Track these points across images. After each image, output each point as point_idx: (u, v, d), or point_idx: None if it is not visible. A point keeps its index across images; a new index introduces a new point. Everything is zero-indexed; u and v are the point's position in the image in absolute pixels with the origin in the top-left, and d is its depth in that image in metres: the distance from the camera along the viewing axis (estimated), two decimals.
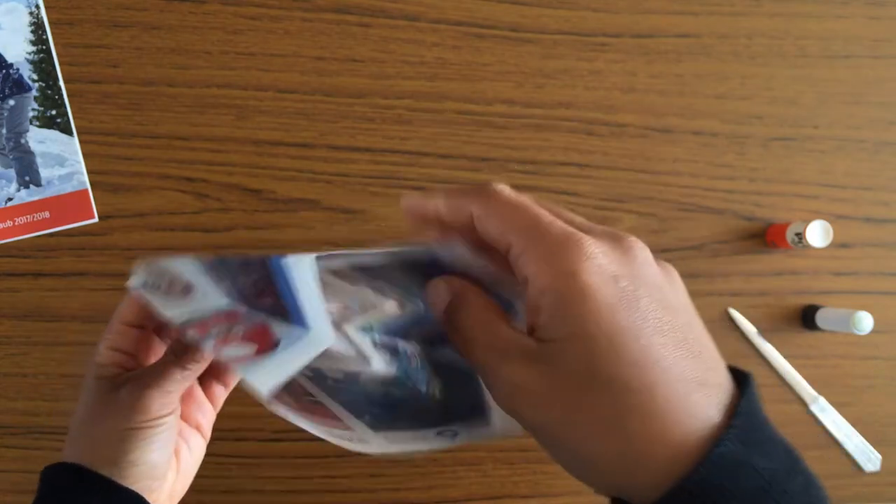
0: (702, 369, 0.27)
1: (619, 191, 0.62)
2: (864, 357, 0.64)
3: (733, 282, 0.63)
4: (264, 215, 0.59)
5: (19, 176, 0.56)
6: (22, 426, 0.57)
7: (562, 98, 0.62)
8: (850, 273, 0.64)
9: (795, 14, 0.64)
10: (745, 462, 0.25)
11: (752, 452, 0.26)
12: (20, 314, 0.57)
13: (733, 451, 0.25)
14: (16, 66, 0.56)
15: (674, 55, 0.63)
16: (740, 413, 0.27)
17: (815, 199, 0.64)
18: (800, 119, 0.64)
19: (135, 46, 0.58)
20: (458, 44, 0.61)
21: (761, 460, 0.26)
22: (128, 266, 0.58)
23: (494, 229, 0.28)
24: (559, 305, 0.25)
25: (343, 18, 0.60)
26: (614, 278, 0.26)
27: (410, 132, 0.60)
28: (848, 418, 0.64)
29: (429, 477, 0.60)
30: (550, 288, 0.26)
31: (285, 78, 0.59)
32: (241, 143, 0.59)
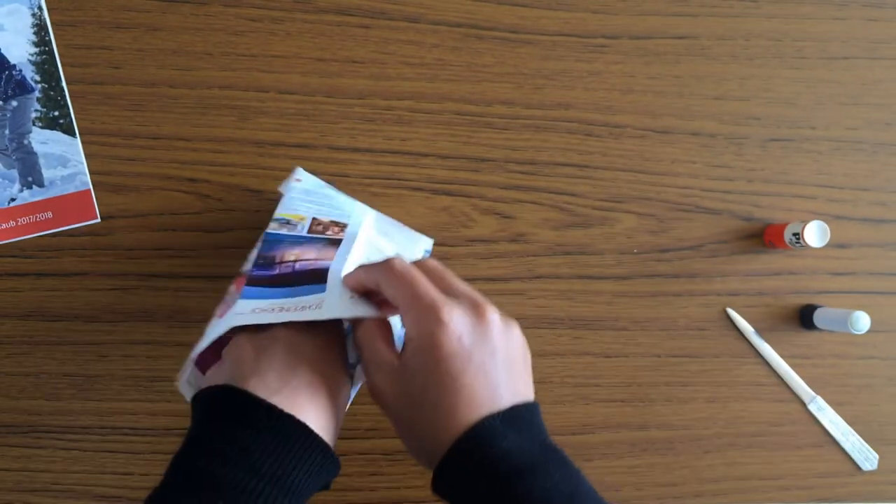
0: (495, 391, 0.40)
1: (618, 191, 0.63)
2: (862, 356, 0.65)
3: (731, 282, 0.63)
4: (266, 216, 0.59)
5: (22, 176, 0.57)
6: (24, 425, 0.57)
7: (561, 99, 0.62)
8: (848, 273, 0.65)
9: (793, 16, 0.65)
10: (501, 433, 0.39)
11: (508, 430, 0.39)
12: (22, 314, 0.57)
13: (493, 426, 0.39)
14: (18, 67, 0.57)
15: (672, 56, 0.63)
16: (513, 412, 0.40)
17: (812, 200, 0.64)
18: (798, 120, 0.64)
19: (137, 48, 0.58)
20: (457, 45, 0.61)
21: (516, 436, 0.39)
22: (129, 266, 0.59)
23: (389, 294, 0.42)
24: (418, 349, 0.40)
25: (344, 20, 0.60)
26: (458, 337, 0.40)
27: (410, 133, 0.61)
28: (845, 417, 0.64)
29: (428, 476, 0.60)
30: (415, 338, 0.40)
31: (286, 79, 0.59)
32: (243, 144, 0.59)
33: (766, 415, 0.64)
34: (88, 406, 0.58)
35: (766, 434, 0.64)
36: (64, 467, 0.57)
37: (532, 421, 0.41)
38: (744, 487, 0.64)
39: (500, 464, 0.38)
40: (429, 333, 0.40)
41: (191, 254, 0.58)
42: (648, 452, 0.63)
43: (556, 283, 0.62)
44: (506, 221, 0.61)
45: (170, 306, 0.58)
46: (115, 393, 0.58)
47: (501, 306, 0.60)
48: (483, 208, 0.61)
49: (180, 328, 0.58)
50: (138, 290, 0.58)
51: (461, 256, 0.61)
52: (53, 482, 0.57)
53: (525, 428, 0.40)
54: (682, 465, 0.63)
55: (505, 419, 0.40)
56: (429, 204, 0.61)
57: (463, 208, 0.61)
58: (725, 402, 0.63)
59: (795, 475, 0.64)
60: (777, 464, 0.64)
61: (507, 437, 0.39)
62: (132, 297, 0.58)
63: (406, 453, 0.60)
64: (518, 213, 0.62)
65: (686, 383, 0.63)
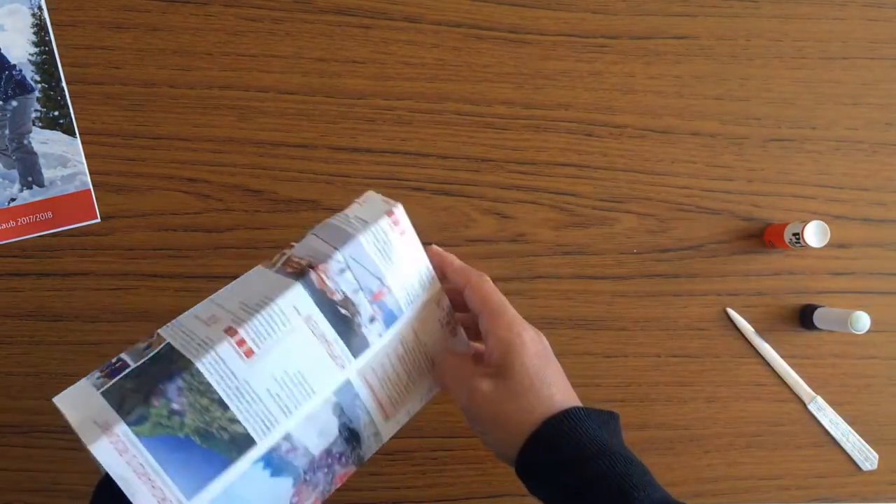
0: (562, 386, 0.46)
1: (618, 191, 0.63)
2: (862, 356, 0.65)
3: (731, 282, 0.63)
4: (266, 215, 0.59)
5: (22, 176, 0.57)
6: (24, 425, 0.57)
7: (561, 99, 0.62)
8: (848, 273, 0.65)
9: (793, 16, 0.65)
10: (582, 419, 0.44)
11: (591, 421, 0.44)
12: (23, 313, 0.57)
13: (574, 413, 0.44)
14: (18, 67, 0.57)
15: (672, 57, 0.63)
16: (579, 409, 0.45)
17: (812, 200, 0.64)
18: (798, 120, 0.64)
19: (137, 48, 0.58)
20: (457, 45, 0.61)
21: (594, 424, 0.44)
22: (129, 266, 0.59)
23: (475, 303, 0.46)
24: (510, 351, 0.44)
25: (344, 20, 0.60)
26: (538, 340, 0.46)
27: (411, 133, 0.61)
28: (845, 417, 0.64)
29: (429, 475, 0.60)
30: (506, 342, 0.45)
31: (286, 79, 0.59)
32: (243, 144, 0.59)
33: (766, 415, 0.64)
34: None
35: (766, 434, 0.64)
36: (64, 467, 0.57)
37: (614, 425, 0.46)
38: (744, 487, 0.64)
39: (587, 444, 0.43)
40: (518, 334, 0.45)
41: (191, 254, 0.58)
42: (648, 452, 0.63)
43: (556, 283, 0.62)
44: (506, 221, 0.61)
45: (170, 306, 0.58)
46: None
47: None
48: (483, 208, 0.61)
49: None
50: (138, 290, 0.58)
51: (461, 256, 0.61)
52: (53, 482, 0.57)
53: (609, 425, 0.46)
54: (682, 465, 0.63)
55: (586, 412, 0.45)
56: (429, 204, 0.61)
57: (463, 208, 0.61)
58: (725, 402, 0.63)
59: (795, 475, 0.64)
60: (777, 464, 0.64)
61: (587, 422, 0.44)
62: (132, 297, 0.58)
63: (406, 453, 0.60)
64: (518, 213, 0.62)
65: (686, 383, 0.63)
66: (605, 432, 0.44)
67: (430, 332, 0.46)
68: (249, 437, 0.40)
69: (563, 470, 0.43)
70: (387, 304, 0.44)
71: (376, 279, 0.43)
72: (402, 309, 0.45)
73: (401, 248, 0.44)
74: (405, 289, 0.45)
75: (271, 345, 0.40)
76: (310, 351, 0.42)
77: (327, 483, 0.44)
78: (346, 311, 0.43)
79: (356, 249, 0.43)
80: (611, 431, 0.45)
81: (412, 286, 0.45)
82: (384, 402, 0.45)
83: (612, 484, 0.42)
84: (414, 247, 0.45)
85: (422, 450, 0.60)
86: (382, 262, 0.44)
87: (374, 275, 0.43)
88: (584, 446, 0.43)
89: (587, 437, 0.43)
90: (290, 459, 0.42)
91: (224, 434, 0.40)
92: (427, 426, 0.60)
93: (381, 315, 0.44)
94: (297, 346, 0.41)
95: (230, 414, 0.40)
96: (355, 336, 0.43)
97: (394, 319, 0.44)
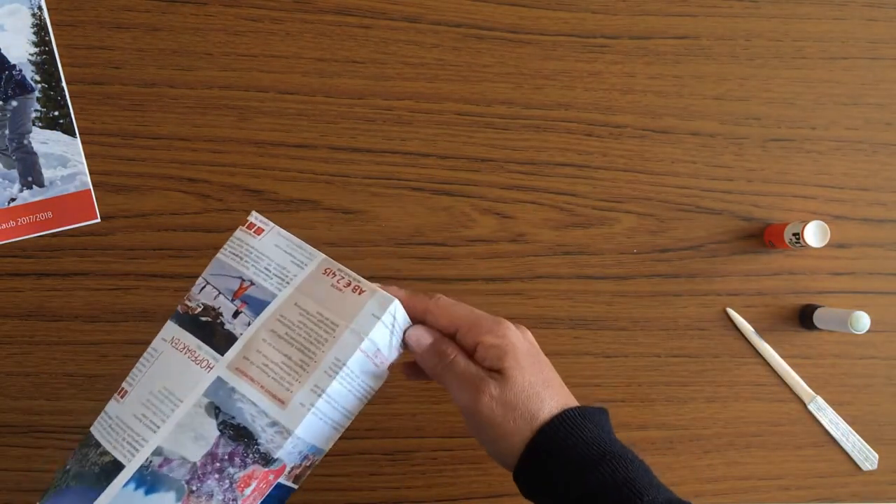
0: (556, 384, 0.46)
1: (618, 191, 0.63)
2: (862, 356, 0.65)
3: (731, 282, 0.63)
4: (266, 215, 0.59)
5: (22, 176, 0.57)
6: (24, 425, 0.57)
7: (561, 99, 0.62)
8: (848, 273, 0.65)
9: (793, 16, 0.65)
10: (580, 424, 0.43)
11: (586, 421, 0.43)
12: (23, 314, 0.57)
13: (566, 418, 0.43)
14: (18, 67, 0.57)
15: (672, 57, 0.63)
16: (576, 409, 0.44)
17: (812, 200, 0.64)
18: (797, 120, 0.64)
19: (137, 48, 0.58)
20: (457, 45, 0.61)
21: (590, 425, 0.43)
22: (129, 266, 0.59)
23: (444, 324, 0.45)
24: (501, 353, 0.43)
25: (343, 20, 0.60)
26: (523, 337, 0.45)
27: (410, 133, 0.61)
28: (845, 417, 0.64)
29: (429, 475, 0.60)
30: (499, 348, 0.44)
31: (286, 79, 0.59)
32: (243, 144, 0.59)
33: (766, 415, 0.64)
34: (88, 406, 0.57)
35: (766, 434, 0.64)
36: None
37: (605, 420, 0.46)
38: (744, 487, 0.64)
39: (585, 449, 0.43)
40: (504, 335, 0.44)
41: (191, 254, 0.58)
42: (648, 452, 0.63)
43: (556, 283, 0.62)
44: (506, 221, 0.61)
45: (170, 306, 0.58)
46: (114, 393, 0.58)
47: (501, 306, 0.61)
48: (483, 208, 0.61)
49: None
50: (138, 290, 0.58)
51: (461, 256, 0.61)
52: None
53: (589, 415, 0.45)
54: (682, 465, 0.63)
55: (581, 412, 0.44)
56: (429, 204, 0.61)
57: (463, 208, 0.61)
58: (725, 402, 0.63)
59: (795, 475, 0.64)
60: (777, 464, 0.64)
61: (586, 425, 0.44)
62: (132, 297, 0.58)
63: (406, 453, 0.60)
64: (518, 213, 0.62)
65: (686, 383, 0.63)
66: (602, 431, 0.44)
67: (321, 301, 0.44)
68: (117, 463, 0.41)
69: (564, 478, 0.42)
70: (252, 296, 0.44)
71: (235, 279, 0.45)
72: (275, 293, 0.44)
73: (259, 245, 0.46)
74: (276, 275, 0.45)
75: (140, 377, 0.43)
76: (174, 366, 0.43)
77: (228, 490, 0.41)
78: (207, 317, 0.44)
79: (216, 266, 0.46)
80: (606, 429, 0.44)
81: (284, 270, 0.45)
82: (274, 389, 0.42)
83: (617, 489, 0.41)
84: (276, 237, 0.46)
85: (422, 450, 0.60)
86: (240, 264, 0.45)
87: (233, 276, 0.45)
88: (583, 451, 0.42)
89: (584, 440, 0.42)
90: (166, 472, 0.41)
91: (95, 468, 0.41)
92: (427, 426, 0.60)
93: (246, 307, 0.44)
94: (161, 367, 0.43)
95: (101, 449, 0.42)
96: (219, 334, 0.43)
97: (264, 305, 0.44)
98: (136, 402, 0.42)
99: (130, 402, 0.43)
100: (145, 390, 0.43)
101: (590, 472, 0.41)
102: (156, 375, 0.43)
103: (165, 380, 0.43)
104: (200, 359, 0.43)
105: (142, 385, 0.43)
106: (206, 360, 0.43)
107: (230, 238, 0.46)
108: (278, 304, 0.44)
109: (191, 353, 0.43)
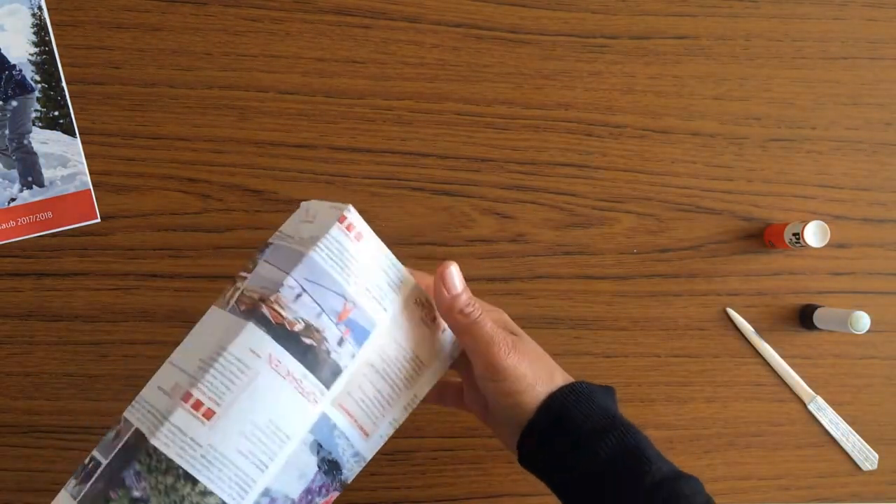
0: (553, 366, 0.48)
1: (618, 191, 0.63)
2: (862, 356, 0.65)
3: (731, 282, 0.63)
4: (266, 215, 0.59)
5: (22, 176, 0.57)
6: (24, 425, 0.57)
7: (561, 99, 0.62)
8: (848, 273, 0.65)
9: (793, 16, 0.65)
10: (585, 394, 0.45)
11: (593, 390, 0.46)
12: (23, 314, 0.57)
13: (576, 387, 0.45)
14: (18, 67, 0.57)
15: (672, 57, 0.63)
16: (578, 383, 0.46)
17: (812, 200, 0.64)
18: (797, 120, 0.64)
19: (137, 48, 0.58)
20: (457, 45, 0.61)
21: (595, 396, 0.46)
22: (129, 266, 0.59)
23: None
24: (511, 325, 0.49)
25: (344, 20, 0.60)
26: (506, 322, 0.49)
27: (410, 133, 0.61)
28: (845, 417, 0.64)
29: (429, 475, 0.60)
30: (502, 319, 0.49)
31: (286, 79, 0.59)
32: (243, 144, 0.59)
33: (766, 415, 0.64)
34: (88, 406, 0.58)
35: (766, 434, 0.64)
36: (64, 467, 0.57)
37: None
38: (744, 487, 0.64)
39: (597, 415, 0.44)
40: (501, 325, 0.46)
41: (191, 254, 0.58)
42: None
43: (556, 283, 0.62)
44: (506, 221, 0.61)
45: (170, 306, 0.58)
46: (115, 393, 0.58)
47: (502, 306, 0.61)
48: (483, 208, 0.61)
49: (180, 328, 0.58)
50: (138, 290, 0.58)
51: (461, 256, 0.61)
52: (53, 482, 0.57)
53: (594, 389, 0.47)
54: (681, 465, 0.63)
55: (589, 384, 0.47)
56: (429, 204, 0.61)
57: (463, 208, 0.61)
58: (725, 402, 0.63)
59: (795, 475, 0.64)
60: (777, 464, 0.64)
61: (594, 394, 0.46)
62: (132, 297, 0.58)
63: (406, 453, 0.60)
64: (518, 213, 0.62)
65: (686, 383, 0.63)
66: (612, 403, 0.47)
67: (414, 337, 0.43)
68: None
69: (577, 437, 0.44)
70: (355, 321, 0.40)
71: (339, 296, 0.39)
72: (375, 321, 0.41)
73: (359, 254, 0.40)
74: (374, 298, 0.41)
75: (232, 399, 0.37)
76: (277, 394, 0.38)
77: None
78: (310, 339, 0.39)
79: (310, 268, 0.39)
80: (614, 403, 0.47)
81: (382, 293, 0.41)
82: (364, 423, 0.41)
83: (623, 455, 0.43)
84: (375, 249, 0.41)
85: (422, 450, 0.60)
86: (342, 276, 0.40)
87: (336, 292, 0.39)
88: (598, 417, 0.44)
89: (598, 405, 0.45)
90: None
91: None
92: (427, 426, 0.60)
93: (350, 335, 0.40)
94: (262, 393, 0.38)
95: (200, 486, 0.36)
96: (325, 364, 0.39)
97: (366, 335, 0.40)
98: (236, 434, 0.37)
99: (228, 432, 0.37)
100: (246, 420, 0.37)
101: (602, 436, 0.43)
102: (257, 402, 0.37)
103: (271, 411, 0.38)
104: (308, 391, 0.39)
105: (239, 411, 0.37)
106: (314, 394, 0.39)
107: (325, 235, 0.39)
108: (377, 335, 0.41)
109: (297, 382, 0.38)
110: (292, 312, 0.38)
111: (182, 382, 0.37)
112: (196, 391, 0.37)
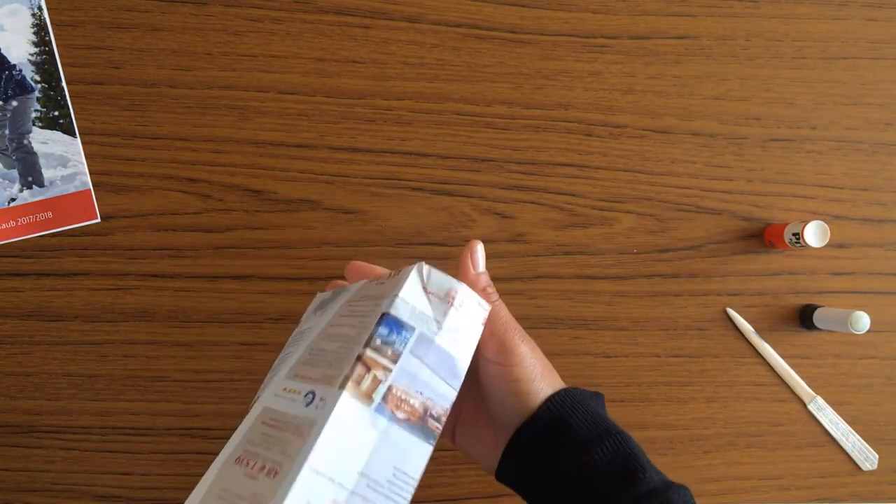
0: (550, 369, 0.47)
1: (618, 191, 0.63)
2: (862, 356, 0.65)
3: (731, 282, 0.63)
4: (266, 215, 0.59)
5: (22, 176, 0.57)
6: (24, 425, 0.57)
7: (561, 99, 0.62)
8: (848, 273, 0.65)
9: (793, 16, 0.65)
10: (580, 400, 0.45)
11: (587, 396, 0.46)
12: (23, 314, 0.57)
13: (572, 392, 0.45)
14: (18, 67, 0.57)
15: (672, 56, 0.63)
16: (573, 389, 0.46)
17: (812, 200, 0.64)
18: (797, 120, 0.64)
19: (137, 48, 0.58)
20: (457, 45, 0.61)
21: (590, 402, 0.46)
22: (129, 266, 0.59)
23: None
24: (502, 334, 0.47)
25: (344, 20, 0.60)
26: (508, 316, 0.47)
27: (410, 133, 0.61)
28: (845, 417, 0.64)
29: (429, 475, 0.60)
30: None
31: (286, 79, 0.59)
32: (243, 144, 0.59)
33: (766, 415, 0.64)
34: (88, 406, 0.58)
35: (766, 434, 0.64)
36: (64, 467, 0.57)
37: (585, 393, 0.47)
38: (744, 487, 0.64)
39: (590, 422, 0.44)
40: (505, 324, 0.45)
41: (191, 254, 0.58)
42: (648, 452, 0.62)
43: (556, 283, 0.62)
44: (506, 221, 0.61)
45: (169, 306, 0.58)
46: (115, 393, 0.58)
47: None
48: (483, 208, 0.61)
49: (180, 328, 0.58)
50: (138, 290, 0.58)
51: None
52: (53, 482, 0.57)
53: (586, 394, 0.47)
54: (682, 465, 0.63)
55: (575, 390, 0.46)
56: (429, 204, 0.61)
57: (463, 208, 0.61)
58: (725, 402, 0.63)
59: (795, 475, 0.64)
60: (777, 464, 0.64)
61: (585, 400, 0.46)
62: (132, 297, 0.58)
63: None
64: (518, 213, 0.62)
65: (686, 383, 0.63)
66: (603, 411, 0.47)
67: None
68: None
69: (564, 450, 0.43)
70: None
71: (452, 391, 0.38)
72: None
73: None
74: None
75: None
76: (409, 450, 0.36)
77: None
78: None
79: (457, 375, 0.38)
80: (605, 409, 0.47)
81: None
82: None
83: (624, 460, 0.43)
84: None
85: None
86: (460, 362, 0.39)
87: (452, 386, 0.38)
88: (591, 424, 0.44)
89: (593, 412, 0.45)
90: None
91: None
92: None
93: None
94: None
95: None
96: None
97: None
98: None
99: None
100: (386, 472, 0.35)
101: (598, 442, 0.43)
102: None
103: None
104: None
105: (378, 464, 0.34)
106: None
107: (472, 331, 0.40)
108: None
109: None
110: (419, 404, 0.37)
111: (340, 499, 0.32)
112: None
